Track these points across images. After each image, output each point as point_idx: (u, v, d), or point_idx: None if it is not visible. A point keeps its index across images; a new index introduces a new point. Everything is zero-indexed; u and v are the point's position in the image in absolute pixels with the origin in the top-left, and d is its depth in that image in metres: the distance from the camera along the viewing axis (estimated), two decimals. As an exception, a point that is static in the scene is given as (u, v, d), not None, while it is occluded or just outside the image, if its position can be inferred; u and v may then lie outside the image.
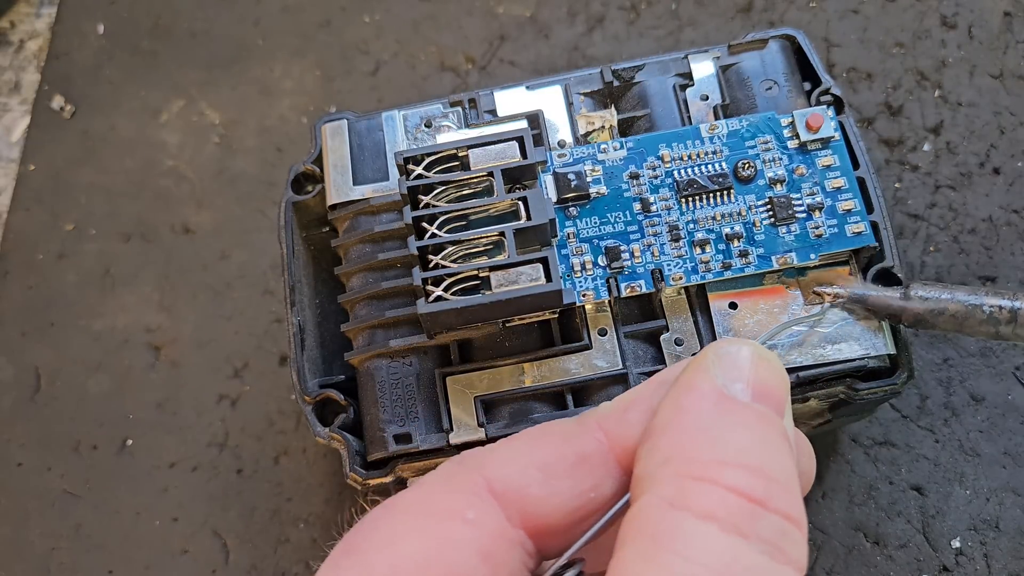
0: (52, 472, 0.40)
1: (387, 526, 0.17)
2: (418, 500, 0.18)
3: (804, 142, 0.29)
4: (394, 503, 0.18)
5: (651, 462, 0.17)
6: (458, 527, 0.17)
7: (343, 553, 0.17)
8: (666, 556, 0.15)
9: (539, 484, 0.18)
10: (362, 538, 0.17)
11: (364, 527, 0.17)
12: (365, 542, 0.17)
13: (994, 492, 0.34)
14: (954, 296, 0.26)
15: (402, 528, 0.17)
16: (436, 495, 0.18)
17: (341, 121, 0.31)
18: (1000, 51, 0.41)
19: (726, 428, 0.17)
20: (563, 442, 0.18)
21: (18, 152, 0.46)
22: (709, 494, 0.16)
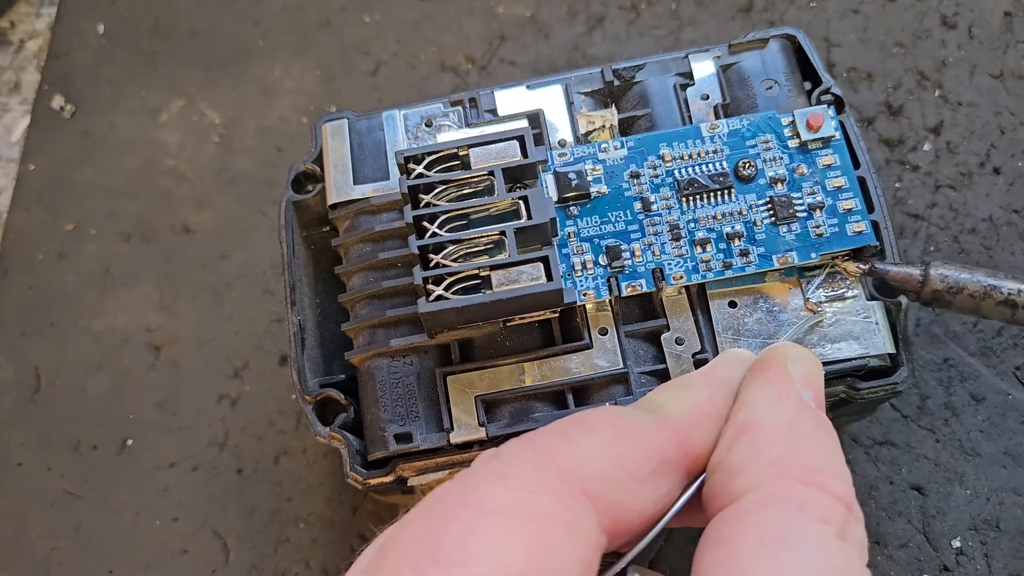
0: (52, 472, 0.39)
1: (483, 532, 0.15)
2: (511, 501, 0.16)
3: (805, 141, 0.29)
4: (479, 502, 0.16)
5: (755, 462, 0.17)
6: (560, 534, 0.16)
7: (430, 561, 0.15)
8: (792, 555, 0.16)
9: (627, 489, 0.17)
10: (454, 545, 0.15)
11: (452, 531, 0.15)
12: (460, 550, 0.15)
13: (994, 492, 0.34)
14: (973, 276, 0.26)
15: (501, 535, 0.15)
16: (529, 495, 0.16)
17: (341, 120, 0.31)
18: (1000, 51, 0.41)
19: (820, 437, 0.18)
20: (646, 445, 0.18)
21: (18, 152, 0.46)
22: (820, 499, 0.17)
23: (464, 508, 0.15)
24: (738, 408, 0.19)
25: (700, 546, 0.17)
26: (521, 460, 0.17)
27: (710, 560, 0.16)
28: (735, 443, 0.18)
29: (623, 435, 0.18)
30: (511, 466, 0.16)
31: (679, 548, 0.34)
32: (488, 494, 0.16)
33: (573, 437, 0.17)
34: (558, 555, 0.15)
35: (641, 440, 0.18)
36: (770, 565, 0.16)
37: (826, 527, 0.16)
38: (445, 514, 0.15)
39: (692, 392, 0.19)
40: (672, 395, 0.19)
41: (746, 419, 0.19)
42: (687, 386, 0.20)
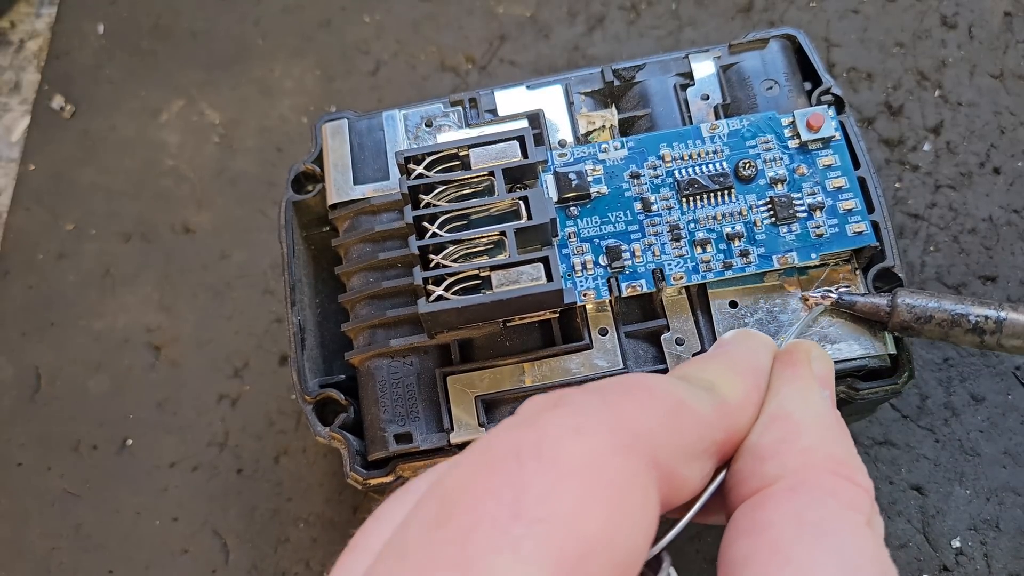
0: (52, 472, 0.39)
1: (565, 493, 0.14)
2: (592, 463, 0.15)
3: (805, 142, 0.29)
4: (559, 460, 0.14)
5: (787, 450, 0.18)
6: (638, 503, 0.15)
7: (511, 516, 0.14)
8: (832, 540, 0.16)
9: (682, 465, 0.17)
10: (536, 502, 0.14)
11: (533, 488, 0.14)
12: (542, 508, 0.14)
13: (994, 492, 0.34)
14: (940, 304, 0.26)
15: (583, 498, 0.14)
16: (609, 458, 0.15)
17: (341, 121, 0.31)
18: (1000, 51, 0.41)
19: (842, 432, 0.19)
20: (703, 424, 0.18)
21: (18, 152, 0.46)
22: (850, 488, 0.17)
23: (542, 463, 0.14)
24: (771, 397, 0.20)
25: (729, 534, 0.17)
26: (596, 416, 0.16)
27: (746, 546, 0.16)
28: (767, 430, 0.19)
29: (684, 409, 0.17)
30: (587, 421, 0.15)
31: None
32: (567, 451, 0.15)
33: (640, 400, 0.17)
34: (634, 524, 0.15)
35: (699, 418, 0.18)
36: (811, 550, 0.16)
37: (857, 514, 0.17)
38: (523, 469, 0.14)
39: (742, 379, 0.20)
40: (724, 378, 0.19)
41: (779, 408, 0.19)
42: (735, 370, 0.20)
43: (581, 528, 0.14)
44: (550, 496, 0.14)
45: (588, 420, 0.15)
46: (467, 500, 0.14)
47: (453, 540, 0.14)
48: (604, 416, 0.16)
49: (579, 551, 0.14)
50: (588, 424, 0.15)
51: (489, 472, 0.15)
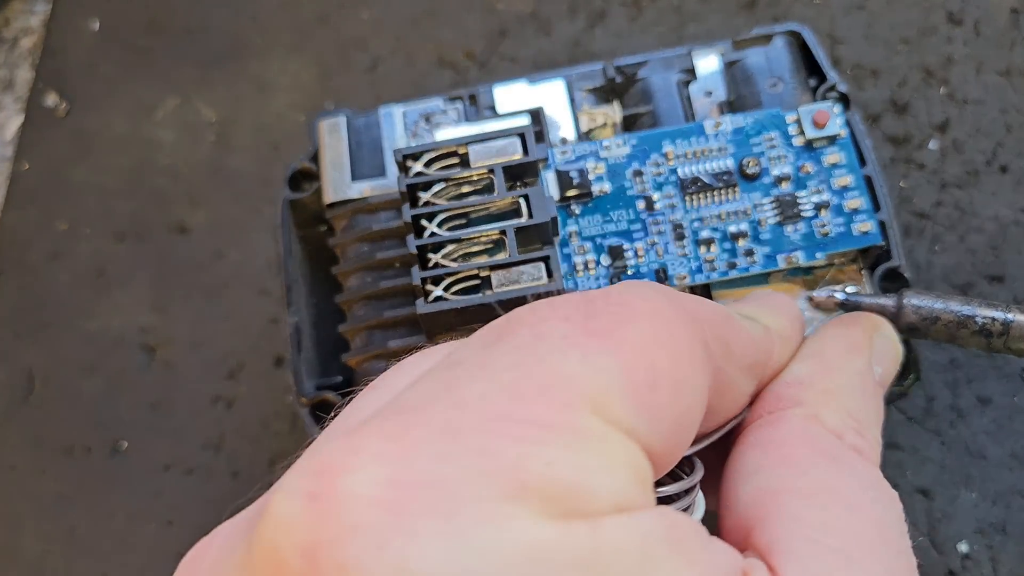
0: (45, 475, 0.39)
1: (635, 326, 0.14)
2: (658, 311, 0.15)
3: (810, 139, 0.28)
4: (628, 303, 0.15)
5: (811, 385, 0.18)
6: (698, 356, 0.15)
7: (583, 333, 0.13)
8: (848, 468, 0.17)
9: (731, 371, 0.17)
10: (606, 328, 0.14)
11: (604, 316, 0.14)
12: (613, 334, 0.14)
13: (1001, 495, 0.34)
14: (947, 306, 0.26)
15: (652, 334, 0.14)
16: (672, 317, 0.15)
17: (339, 118, 0.31)
18: (1007, 48, 0.40)
19: (874, 404, 0.19)
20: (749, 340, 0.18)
21: (12, 150, 0.46)
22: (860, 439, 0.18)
23: (613, 304, 0.14)
24: (813, 341, 0.20)
25: (739, 447, 0.17)
26: (657, 290, 0.16)
27: (758, 456, 0.17)
28: (801, 363, 0.19)
29: (733, 321, 0.17)
30: (650, 291, 0.16)
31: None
32: (636, 302, 0.15)
33: (697, 300, 0.17)
34: (696, 373, 0.15)
35: (746, 335, 0.18)
36: (828, 468, 0.16)
37: (871, 467, 0.17)
38: (594, 305, 0.14)
39: (783, 314, 0.20)
40: (767, 312, 0.20)
41: (819, 350, 0.19)
42: (775, 308, 0.20)
43: (651, 358, 0.14)
44: (621, 327, 0.14)
45: (650, 290, 0.16)
46: (533, 318, 0.14)
47: (518, 347, 0.13)
48: (663, 293, 0.16)
49: (649, 379, 0.13)
50: (651, 292, 0.15)
51: (560, 303, 0.14)
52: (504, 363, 0.13)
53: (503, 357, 0.13)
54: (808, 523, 0.15)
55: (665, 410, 0.14)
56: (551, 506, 0.11)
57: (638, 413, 0.13)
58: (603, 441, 0.13)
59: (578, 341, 0.13)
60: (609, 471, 0.12)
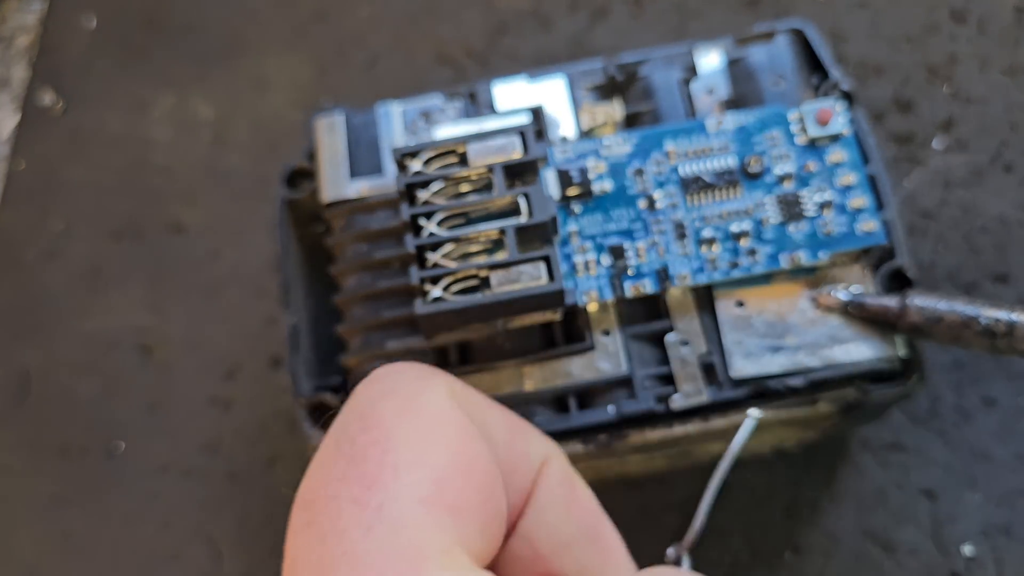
0: (40, 476, 0.39)
1: (402, 441, 0.15)
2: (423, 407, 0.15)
3: (813, 138, 0.28)
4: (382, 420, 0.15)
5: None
6: (476, 438, 0.16)
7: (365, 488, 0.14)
8: None
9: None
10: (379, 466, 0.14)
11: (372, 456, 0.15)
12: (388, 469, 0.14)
13: (1006, 497, 0.34)
14: (951, 307, 0.25)
15: (420, 438, 0.15)
16: (432, 401, 0.16)
17: (336, 116, 0.31)
18: (1011, 46, 0.40)
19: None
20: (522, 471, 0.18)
21: (8, 149, 0.46)
22: None
23: (369, 431, 0.15)
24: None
25: None
26: (400, 378, 0.17)
27: None
28: None
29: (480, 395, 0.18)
30: (393, 384, 0.16)
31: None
32: (386, 416, 0.15)
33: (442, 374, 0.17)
34: (479, 456, 0.15)
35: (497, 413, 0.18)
36: None
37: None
38: (356, 446, 0.15)
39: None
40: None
41: None
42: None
43: (427, 467, 0.14)
44: (386, 455, 0.14)
45: (395, 383, 0.16)
46: (322, 497, 0.15)
47: (334, 539, 0.14)
48: (408, 374, 0.16)
49: (436, 483, 0.14)
50: (395, 386, 0.16)
51: (331, 461, 0.15)
52: (334, 562, 0.14)
53: (328, 554, 0.14)
54: None
55: (464, 497, 0.14)
56: None
57: (447, 525, 0.14)
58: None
59: (368, 503, 0.14)
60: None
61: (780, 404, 0.27)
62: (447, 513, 0.14)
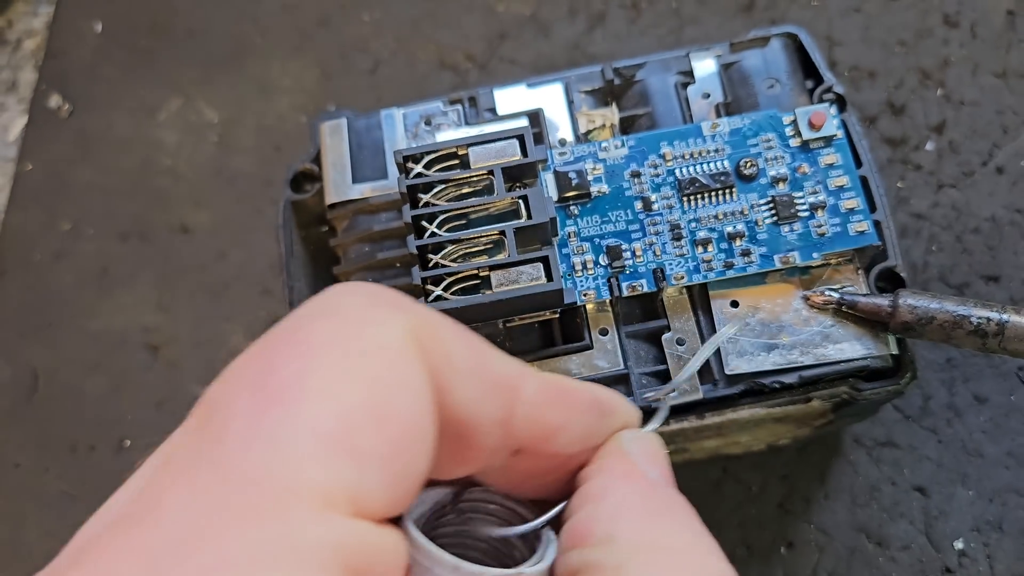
0: (50, 473, 0.39)
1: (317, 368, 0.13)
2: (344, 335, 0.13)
3: (807, 140, 0.28)
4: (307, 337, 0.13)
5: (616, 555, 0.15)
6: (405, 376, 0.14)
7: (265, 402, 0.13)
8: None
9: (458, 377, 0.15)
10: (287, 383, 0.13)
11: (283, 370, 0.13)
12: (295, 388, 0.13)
13: (997, 493, 0.34)
14: (943, 306, 0.26)
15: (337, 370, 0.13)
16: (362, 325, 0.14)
17: (340, 120, 0.31)
18: (1003, 50, 0.40)
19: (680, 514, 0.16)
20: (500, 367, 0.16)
21: (15, 151, 0.46)
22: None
23: (293, 344, 0.13)
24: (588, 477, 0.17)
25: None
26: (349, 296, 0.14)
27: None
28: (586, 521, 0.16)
29: (451, 322, 0.15)
30: (337, 301, 0.14)
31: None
32: (315, 332, 0.13)
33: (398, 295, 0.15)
34: (403, 396, 0.13)
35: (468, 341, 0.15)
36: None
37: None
38: (273, 356, 0.13)
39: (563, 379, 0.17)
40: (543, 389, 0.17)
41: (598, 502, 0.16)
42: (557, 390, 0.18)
43: (341, 400, 0.13)
44: (301, 375, 0.13)
45: (340, 301, 0.14)
46: (221, 398, 0.13)
47: (207, 440, 0.13)
48: (360, 293, 0.14)
49: (343, 425, 0.12)
50: (339, 305, 0.14)
51: (242, 367, 0.14)
52: (202, 463, 0.12)
53: (199, 457, 0.12)
54: None
55: (374, 446, 0.12)
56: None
57: (342, 470, 0.12)
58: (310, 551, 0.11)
59: (262, 415, 0.12)
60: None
61: (774, 401, 0.27)
62: (346, 456, 0.12)
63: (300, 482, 0.12)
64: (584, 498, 0.17)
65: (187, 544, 0.11)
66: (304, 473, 0.12)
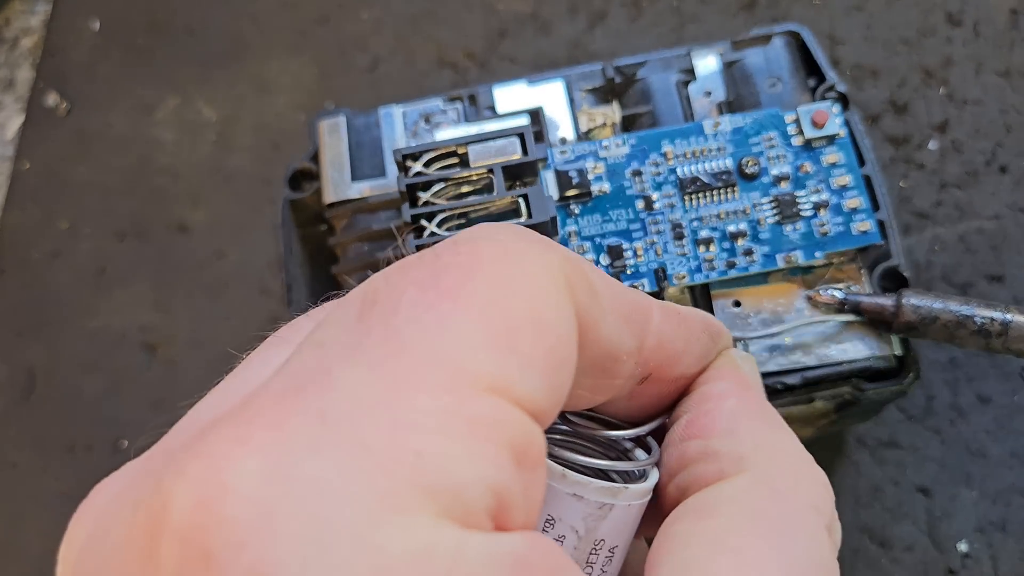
0: (47, 473, 0.39)
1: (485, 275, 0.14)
2: (506, 252, 0.14)
3: (809, 139, 0.28)
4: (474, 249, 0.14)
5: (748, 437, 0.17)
6: (561, 300, 0.14)
7: (436, 297, 0.13)
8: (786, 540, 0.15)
9: (601, 314, 0.15)
10: (457, 283, 0.13)
11: (450, 274, 0.14)
12: (462, 288, 0.13)
13: (1001, 494, 0.34)
14: (946, 306, 0.26)
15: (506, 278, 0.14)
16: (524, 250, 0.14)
17: (338, 118, 0.31)
18: (1006, 48, 0.40)
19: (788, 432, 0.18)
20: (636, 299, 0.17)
21: (12, 150, 0.46)
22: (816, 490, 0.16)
23: (460, 255, 0.14)
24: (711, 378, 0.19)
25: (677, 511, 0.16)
26: (507, 229, 0.15)
27: (688, 527, 0.15)
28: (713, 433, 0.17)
29: (594, 266, 0.16)
30: (499, 231, 0.15)
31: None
32: (482, 247, 0.14)
33: (547, 240, 0.16)
34: (558, 305, 0.14)
35: (610, 280, 0.16)
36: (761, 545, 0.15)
37: (819, 516, 0.16)
38: (441, 260, 0.14)
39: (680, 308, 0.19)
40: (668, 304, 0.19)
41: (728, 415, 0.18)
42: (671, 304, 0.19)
43: (506, 304, 0.13)
44: (470, 278, 0.13)
45: (501, 231, 0.15)
46: (387, 287, 0.14)
47: (379, 322, 0.13)
48: (517, 230, 0.15)
49: (508, 325, 0.13)
50: (501, 233, 0.15)
51: (406, 268, 0.14)
52: (369, 342, 0.13)
53: (367, 336, 0.13)
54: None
55: (533, 352, 0.13)
56: (427, 505, 0.11)
57: (506, 364, 0.13)
58: (480, 422, 0.12)
59: (432, 306, 0.13)
60: (489, 460, 0.12)
61: (777, 402, 0.27)
62: (513, 355, 0.13)
63: (471, 366, 0.13)
64: (703, 397, 0.18)
65: (363, 408, 0.12)
66: (475, 359, 0.13)
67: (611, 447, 0.18)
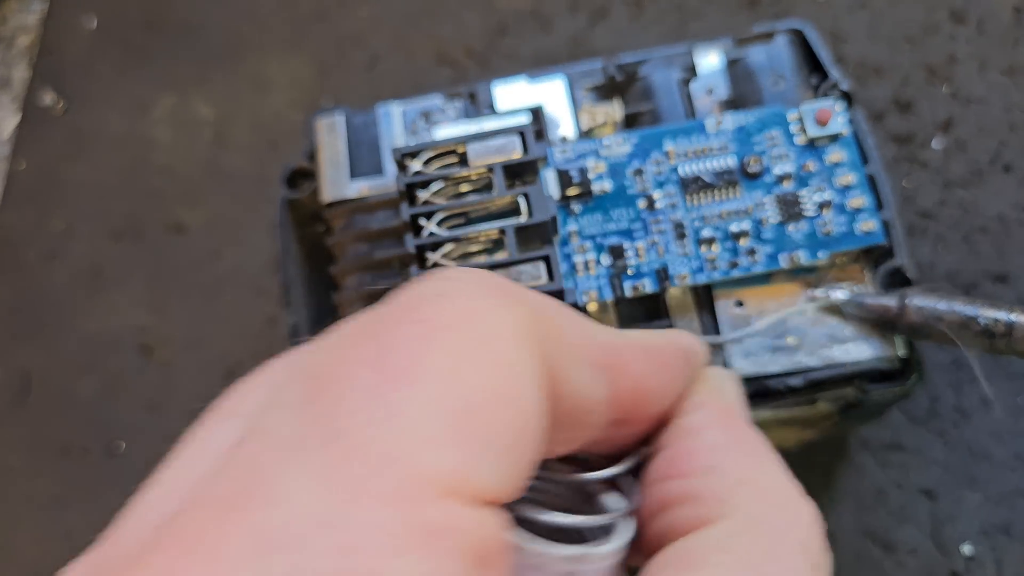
0: (42, 476, 0.39)
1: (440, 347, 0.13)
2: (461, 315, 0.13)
3: (813, 138, 0.28)
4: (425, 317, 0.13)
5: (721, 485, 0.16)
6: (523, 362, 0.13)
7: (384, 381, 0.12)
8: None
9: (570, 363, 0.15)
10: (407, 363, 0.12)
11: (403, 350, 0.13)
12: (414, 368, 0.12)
13: (1005, 496, 0.34)
14: (950, 306, 0.25)
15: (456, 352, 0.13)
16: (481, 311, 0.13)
17: (336, 116, 0.31)
18: (1010, 46, 0.40)
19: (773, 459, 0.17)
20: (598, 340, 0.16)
21: (8, 149, 0.46)
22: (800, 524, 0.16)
23: (411, 323, 0.13)
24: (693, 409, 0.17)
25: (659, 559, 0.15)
26: (466, 281, 0.14)
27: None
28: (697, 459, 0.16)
29: (563, 308, 0.15)
30: (455, 286, 0.14)
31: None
32: (435, 312, 0.13)
33: (514, 284, 0.15)
34: (522, 381, 0.13)
35: (580, 322, 0.15)
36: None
37: (807, 556, 0.15)
38: (390, 334, 0.13)
39: (657, 336, 0.18)
40: (632, 333, 0.18)
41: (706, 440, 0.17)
42: (649, 332, 0.18)
43: (462, 381, 0.12)
44: (422, 355, 0.12)
45: (458, 285, 0.14)
46: (333, 370, 0.12)
47: (322, 415, 0.12)
48: (478, 280, 0.14)
49: (464, 405, 0.12)
50: (457, 289, 0.14)
51: (352, 342, 0.13)
52: (314, 440, 0.12)
53: (312, 429, 0.12)
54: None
55: (493, 432, 0.12)
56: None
57: (463, 456, 0.12)
58: (435, 533, 0.11)
59: (381, 395, 0.12)
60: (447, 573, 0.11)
61: (779, 403, 0.27)
62: (469, 441, 0.12)
63: (424, 467, 0.12)
64: (681, 431, 0.17)
65: (308, 528, 0.11)
66: (428, 458, 0.12)
67: (582, 490, 0.16)
